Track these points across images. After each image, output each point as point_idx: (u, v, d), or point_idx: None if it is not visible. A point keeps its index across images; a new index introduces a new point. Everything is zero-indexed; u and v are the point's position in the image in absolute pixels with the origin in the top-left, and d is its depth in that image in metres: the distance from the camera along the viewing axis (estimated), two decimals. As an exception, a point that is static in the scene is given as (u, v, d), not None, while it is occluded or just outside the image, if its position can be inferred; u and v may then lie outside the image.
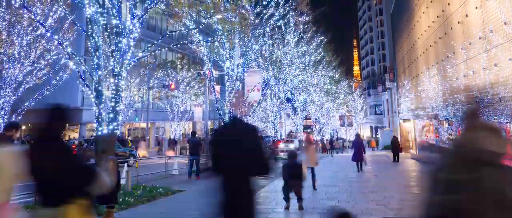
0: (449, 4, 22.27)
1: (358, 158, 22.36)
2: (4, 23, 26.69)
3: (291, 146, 36.72)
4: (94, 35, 12.57)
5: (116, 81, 12.83)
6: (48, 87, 29.27)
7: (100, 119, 12.57)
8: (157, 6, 14.51)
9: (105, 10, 12.73)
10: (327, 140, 58.14)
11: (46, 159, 3.71)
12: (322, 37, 49.18)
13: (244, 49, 24.43)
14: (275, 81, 40.69)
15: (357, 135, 24.97)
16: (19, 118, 28.68)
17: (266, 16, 26.38)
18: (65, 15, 20.30)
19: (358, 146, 22.57)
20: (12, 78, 27.10)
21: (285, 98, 44.18)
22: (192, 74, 49.51)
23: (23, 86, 27.97)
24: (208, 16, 19.46)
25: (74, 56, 12.96)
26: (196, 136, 21.33)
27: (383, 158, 33.96)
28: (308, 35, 45.76)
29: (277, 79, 40.92)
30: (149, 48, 15.51)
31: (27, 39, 27.65)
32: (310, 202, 11.45)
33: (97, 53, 12.71)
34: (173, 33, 25.46)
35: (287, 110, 52.07)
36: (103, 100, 12.82)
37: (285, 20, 37.51)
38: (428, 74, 28.46)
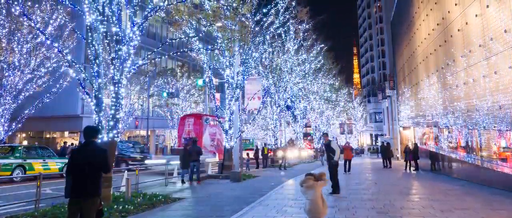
0: (449, 11, 22.29)
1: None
2: (4, 31, 26.76)
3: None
4: (94, 43, 12.56)
5: (116, 89, 12.81)
6: (48, 95, 29.29)
7: (100, 127, 12.55)
8: (157, 14, 14.52)
9: (105, 18, 12.73)
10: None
11: None
12: (322, 45, 49.29)
13: (244, 57, 24.41)
14: (275, 89, 40.68)
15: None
16: (19, 125, 28.65)
17: (266, 24, 26.39)
18: (65, 23, 20.40)
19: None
20: (12, 86, 27.12)
21: (285, 106, 44.13)
22: (192, 82, 49.55)
23: (23, 94, 27.99)
24: (208, 24, 19.46)
25: (74, 64, 12.94)
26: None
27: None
28: (308, 43, 45.84)
29: (277, 87, 40.91)
30: (149, 56, 15.51)
31: (27, 47, 27.73)
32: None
33: (97, 61, 12.70)
34: (173, 41, 25.45)
35: (287, 118, 52.03)
36: (103, 108, 12.79)
37: (285, 28, 37.57)
38: (428, 82, 28.46)
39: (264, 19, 25.97)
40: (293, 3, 32.79)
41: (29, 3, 27.28)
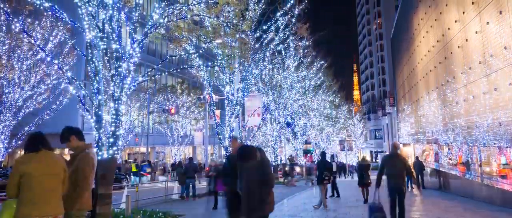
0: (449, 28, 22.37)
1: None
2: (4, 48, 26.80)
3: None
4: (94, 59, 12.56)
5: (116, 105, 12.77)
6: (48, 111, 29.29)
7: (100, 144, 12.49)
8: (157, 31, 14.53)
9: (105, 35, 12.73)
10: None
11: None
12: (322, 62, 49.35)
13: (244, 73, 24.44)
14: (275, 105, 40.68)
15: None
16: (19, 142, 28.59)
17: (266, 41, 26.41)
18: (65, 39, 20.44)
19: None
20: (12, 102, 27.11)
21: (285, 122, 44.06)
22: (192, 98, 49.53)
23: (23, 110, 27.98)
24: (208, 41, 19.51)
25: (74, 80, 12.92)
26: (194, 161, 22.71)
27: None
28: (308, 59, 45.88)
29: (277, 103, 40.92)
30: (149, 73, 15.50)
31: (27, 63, 27.75)
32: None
33: (97, 77, 12.68)
34: (173, 57, 25.56)
35: (287, 135, 51.90)
36: (103, 124, 12.76)
37: (285, 45, 37.65)
38: (428, 98, 28.48)
39: (264, 36, 25.99)
40: (293, 20, 32.91)
41: (29, 20, 27.35)
